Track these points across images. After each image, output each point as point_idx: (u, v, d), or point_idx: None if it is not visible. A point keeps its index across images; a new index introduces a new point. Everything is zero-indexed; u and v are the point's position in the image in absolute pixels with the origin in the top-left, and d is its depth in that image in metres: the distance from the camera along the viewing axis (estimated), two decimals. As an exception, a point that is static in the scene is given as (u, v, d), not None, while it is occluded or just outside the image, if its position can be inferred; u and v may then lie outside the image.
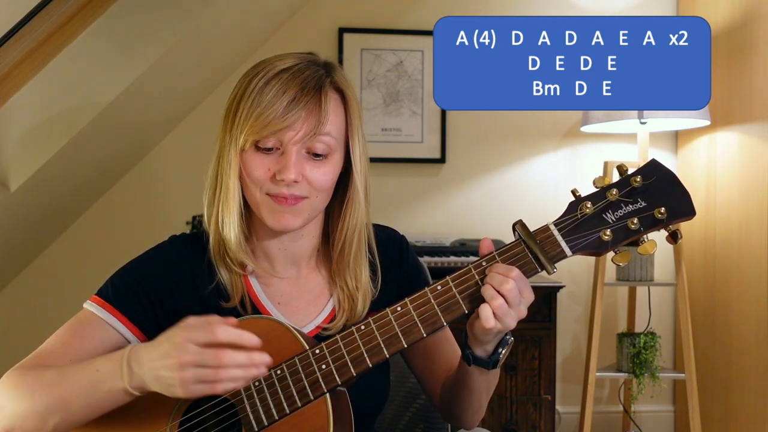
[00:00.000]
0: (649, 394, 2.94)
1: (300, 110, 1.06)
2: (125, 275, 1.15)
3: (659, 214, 1.01)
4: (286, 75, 1.07)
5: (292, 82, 1.07)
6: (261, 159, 1.08)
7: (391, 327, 1.03)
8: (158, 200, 2.91)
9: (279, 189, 1.08)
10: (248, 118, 1.06)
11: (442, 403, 1.24)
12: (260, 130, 1.05)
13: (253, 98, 1.06)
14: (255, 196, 1.10)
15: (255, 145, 1.08)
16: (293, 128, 1.06)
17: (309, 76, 1.08)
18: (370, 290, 1.19)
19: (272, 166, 1.08)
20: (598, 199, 1.04)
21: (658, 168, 1.04)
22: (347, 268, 1.18)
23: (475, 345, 1.09)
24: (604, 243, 1.02)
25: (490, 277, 1.02)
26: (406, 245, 1.28)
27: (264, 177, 1.08)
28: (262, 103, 1.06)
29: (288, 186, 1.07)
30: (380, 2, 3.00)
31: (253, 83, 1.08)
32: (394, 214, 2.98)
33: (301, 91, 1.06)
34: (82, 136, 2.23)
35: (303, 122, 1.06)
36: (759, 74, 2.54)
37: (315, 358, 1.03)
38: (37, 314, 2.84)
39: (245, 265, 1.16)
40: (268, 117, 1.05)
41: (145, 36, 2.25)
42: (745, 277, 2.62)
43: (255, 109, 1.06)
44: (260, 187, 1.09)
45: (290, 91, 1.06)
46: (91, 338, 1.10)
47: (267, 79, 1.07)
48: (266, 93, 1.06)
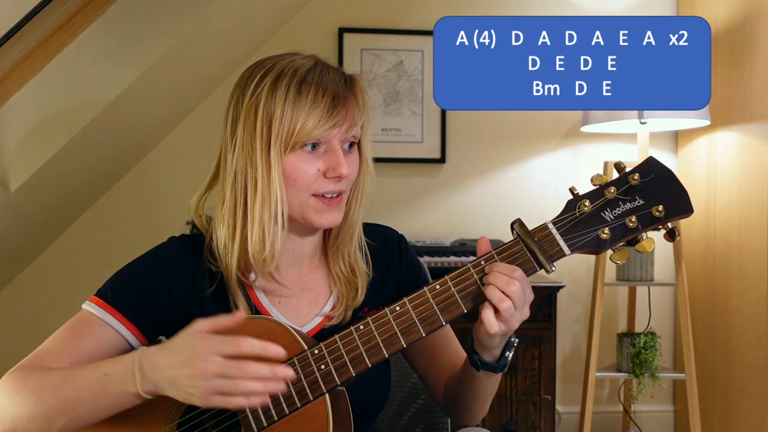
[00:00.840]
0: (649, 394, 2.94)
1: (341, 110, 1.08)
2: (124, 276, 1.15)
3: (657, 211, 1.01)
4: (316, 75, 1.09)
5: (323, 83, 1.08)
6: (308, 159, 1.08)
7: (390, 327, 1.03)
8: (158, 200, 2.91)
9: (327, 186, 1.09)
10: (293, 125, 1.06)
11: (445, 402, 1.24)
12: (309, 135, 1.06)
13: (292, 105, 1.06)
14: (299, 199, 1.09)
15: (299, 148, 1.08)
16: (337, 127, 1.08)
17: (335, 76, 1.10)
18: (364, 271, 1.20)
19: (320, 164, 1.09)
20: (597, 198, 1.04)
21: (655, 165, 1.04)
22: (339, 251, 1.18)
23: (482, 350, 1.09)
24: (602, 241, 1.02)
25: (493, 278, 1.01)
26: (405, 244, 1.28)
27: (314, 176, 1.08)
28: (304, 108, 1.06)
29: (336, 182, 1.09)
30: (380, 2, 3.00)
31: (281, 90, 1.07)
32: (394, 214, 2.98)
33: (337, 92, 1.08)
34: (82, 136, 2.23)
35: (344, 121, 1.09)
36: (759, 74, 2.54)
37: (314, 359, 1.03)
38: (37, 314, 2.84)
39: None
40: (315, 121, 1.06)
41: (145, 36, 2.25)
42: (745, 277, 2.62)
43: (299, 115, 1.06)
44: (308, 188, 1.09)
45: (328, 93, 1.07)
46: (91, 339, 1.10)
47: (299, 81, 1.07)
48: (303, 98, 1.06)
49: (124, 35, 2.24)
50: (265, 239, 1.08)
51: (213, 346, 0.94)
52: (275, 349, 0.96)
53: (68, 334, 1.10)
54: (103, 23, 2.12)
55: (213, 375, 0.93)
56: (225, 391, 0.94)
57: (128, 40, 2.25)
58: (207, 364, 0.93)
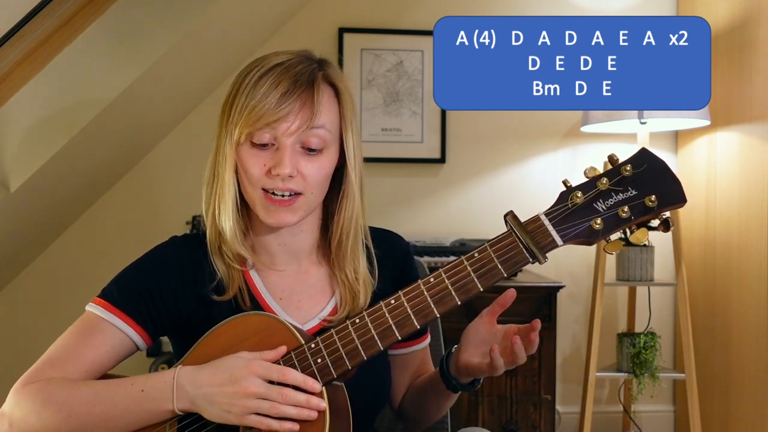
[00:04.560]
0: (649, 394, 2.94)
1: (293, 102, 1.07)
2: (128, 277, 1.15)
3: (650, 201, 1.00)
4: (280, 69, 1.09)
5: (285, 75, 1.08)
6: (256, 155, 1.09)
7: (385, 320, 1.04)
8: (158, 200, 2.91)
9: (275, 184, 1.08)
10: (242, 111, 1.07)
11: (403, 408, 1.31)
12: (254, 123, 1.06)
13: (247, 92, 1.08)
14: (251, 191, 1.11)
15: (250, 141, 1.09)
16: (287, 120, 1.07)
17: (302, 70, 1.09)
18: (370, 281, 1.20)
19: (267, 161, 1.09)
20: (589, 189, 1.04)
21: (648, 156, 1.04)
22: (346, 260, 1.19)
23: (459, 375, 1.17)
24: (594, 232, 1.02)
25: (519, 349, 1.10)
26: (411, 256, 1.30)
27: (260, 172, 1.09)
28: (255, 96, 1.07)
29: (283, 180, 1.08)
30: (380, 2, 3.00)
31: (247, 78, 1.09)
32: (394, 214, 2.98)
33: (294, 83, 1.08)
34: (83, 135, 2.23)
35: (296, 115, 1.07)
36: (759, 74, 2.54)
37: (311, 353, 1.04)
38: (37, 314, 2.84)
39: (244, 260, 1.16)
40: (262, 109, 1.06)
41: (146, 36, 2.24)
42: (745, 277, 2.62)
43: (249, 102, 1.07)
44: (256, 182, 1.09)
45: (283, 83, 1.07)
46: (103, 345, 1.10)
47: (261, 74, 1.08)
48: (260, 86, 1.07)
49: (125, 35, 2.24)
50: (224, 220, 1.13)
51: (259, 369, 1.00)
52: (313, 384, 1.02)
53: (77, 340, 1.10)
54: (103, 23, 2.11)
55: (254, 395, 0.98)
56: (263, 413, 0.99)
57: (128, 39, 2.25)
58: (249, 384, 0.99)
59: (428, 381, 1.25)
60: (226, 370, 1.01)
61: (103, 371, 1.12)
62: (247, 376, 0.99)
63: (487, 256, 1.04)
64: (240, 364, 1.01)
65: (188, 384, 1.01)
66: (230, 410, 0.99)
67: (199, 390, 1.01)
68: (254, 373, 0.99)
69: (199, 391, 1.01)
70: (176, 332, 1.18)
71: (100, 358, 1.10)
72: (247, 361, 1.01)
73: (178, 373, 1.03)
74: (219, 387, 1.00)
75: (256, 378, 0.99)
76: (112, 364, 1.13)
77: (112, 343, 1.11)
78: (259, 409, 0.99)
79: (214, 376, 1.01)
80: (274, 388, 1.00)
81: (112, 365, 1.13)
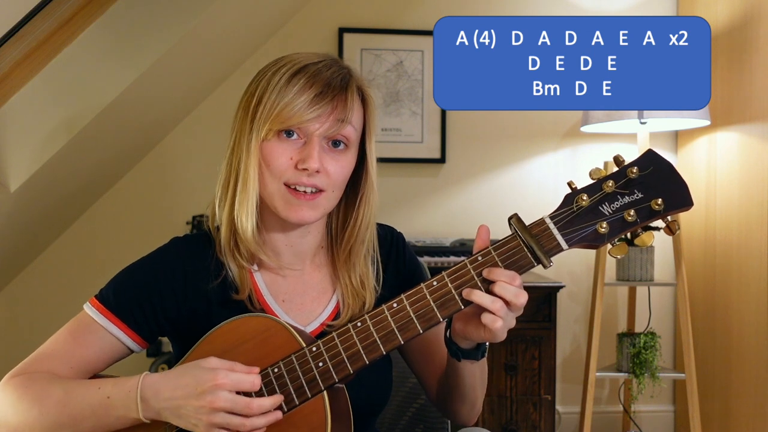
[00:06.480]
0: (649, 394, 2.94)
1: (326, 105, 1.07)
2: (126, 279, 1.14)
3: (656, 205, 0.99)
4: (313, 69, 1.09)
5: (319, 76, 1.08)
6: (284, 147, 1.08)
7: (387, 323, 1.03)
8: (158, 200, 2.91)
9: (299, 178, 1.08)
10: (273, 108, 1.07)
11: (438, 400, 1.25)
12: (285, 121, 1.06)
13: (278, 90, 1.08)
14: (272, 186, 1.10)
15: (277, 134, 1.08)
16: (318, 121, 1.07)
17: (335, 73, 1.10)
18: (375, 286, 1.20)
19: (294, 155, 1.08)
20: (594, 191, 1.02)
21: (654, 159, 1.03)
22: (352, 265, 1.18)
23: (459, 339, 1.09)
24: (600, 236, 1.00)
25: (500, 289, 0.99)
26: (402, 242, 1.29)
27: (286, 165, 1.08)
28: (288, 94, 1.07)
29: (309, 176, 1.08)
30: (380, 2, 3.00)
31: (276, 77, 1.09)
32: (394, 214, 2.98)
33: (327, 86, 1.08)
34: (83, 136, 2.23)
35: (328, 116, 1.08)
36: (759, 74, 2.54)
37: (312, 356, 1.03)
38: (37, 314, 2.84)
39: (254, 260, 1.16)
40: (293, 108, 1.06)
41: (146, 36, 2.24)
42: (745, 277, 2.62)
43: (281, 100, 1.07)
44: (280, 176, 1.09)
45: (317, 84, 1.08)
46: (92, 346, 1.11)
47: (292, 73, 1.08)
48: (292, 85, 1.07)
49: (125, 35, 2.24)
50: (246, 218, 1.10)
51: (226, 382, 0.97)
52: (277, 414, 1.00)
53: (69, 339, 1.11)
54: (103, 23, 2.11)
55: (221, 410, 0.96)
56: (231, 427, 0.97)
57: (128, 40, 2.24)
58: (215, 398, 0.96)
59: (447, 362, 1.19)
60: (191, 380, 0.98)
61: (93, 371, 1.12)
62: (211, 389, 0.96)
63: (491, 259, 1.02)
64: (206, 377, 0.97)
65: (152, 397, 0.99)
66: (197, 425, 0.97)
67: (161, 403, 0.99)
68: (221, 387, 0.96)
69: (162, 404, 0.99)
70: (176, 334, 1.17)
71: (88, 358, 1.10)
72: (214, 373, 0.97)
73: (142, 384, 1.00)
74: (184, 400, 0.97)
75: (222, 390, 0.96)
76: (103, 366, 1.13)
77: (102, 346, 1.11)
78: (227, 424, 0.96)
79: (177, 389, 0.98)
80: (240, 400, 0.96)
81: (103, 366, 1.13)
